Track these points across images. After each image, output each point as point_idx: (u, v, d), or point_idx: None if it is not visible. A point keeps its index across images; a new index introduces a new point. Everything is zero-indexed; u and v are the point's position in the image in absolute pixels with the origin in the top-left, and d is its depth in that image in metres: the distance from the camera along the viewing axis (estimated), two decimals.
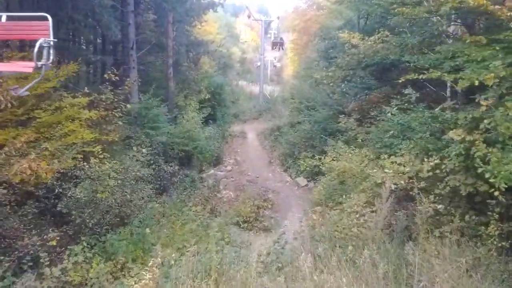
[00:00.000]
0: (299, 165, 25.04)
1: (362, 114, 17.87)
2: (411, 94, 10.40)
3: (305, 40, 44.67)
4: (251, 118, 43.22)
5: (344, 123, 17.81)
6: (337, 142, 18.64)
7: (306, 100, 29.29)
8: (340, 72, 16.51)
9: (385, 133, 13.91)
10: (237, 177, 24.97)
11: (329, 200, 15.31)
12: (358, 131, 16.78)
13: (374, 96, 17.18)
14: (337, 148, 18.60)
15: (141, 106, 24.18)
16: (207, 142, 28.38)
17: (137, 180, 17.22)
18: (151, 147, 22.19)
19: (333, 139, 21.51)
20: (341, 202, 14.88)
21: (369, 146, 15.27)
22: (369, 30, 20.99)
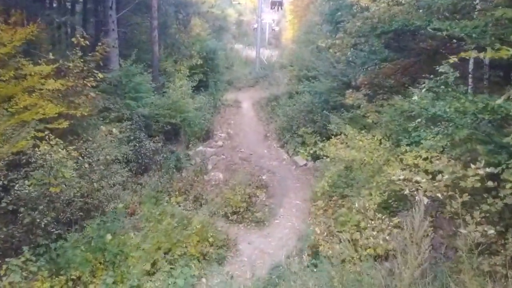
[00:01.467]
0: (297, 141, 22.73)
1: (373, 89, 15.29)
2: (448, 72, 7.82)
3: (306, 1, 41.43)
4: (247, 85, 40.46)
5: (351, 99, 15.22)
6: (344, 122, 16.13)
7: (306, 68, 26.57)
8: (348, 40, 13.82)
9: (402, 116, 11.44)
10: (228, 154, 22.53)
11: (333, 191, 12.94)
12: (368, 109, 14.24)
13: (387, 68, 14.55)
14: (342, 127, 16.18)
15: (121, 74, 21.53)
16: (197, 114, 25.78)
17: (109, 164, 14.80)
18: (132, 121, 19.76)
19: (336, 115, 19.06)
20: (347, 195, 12.62)
21: (382, 129, 12.81)
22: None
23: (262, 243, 13.59)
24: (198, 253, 11.48)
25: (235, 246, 13.04)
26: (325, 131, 20.77)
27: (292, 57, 33.46)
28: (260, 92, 36.73)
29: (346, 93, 15.71)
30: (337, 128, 16.51)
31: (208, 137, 24.65)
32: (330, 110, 21.07)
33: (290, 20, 50.95)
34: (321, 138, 20.93)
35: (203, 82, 35.24)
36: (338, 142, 14.44)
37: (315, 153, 20.99)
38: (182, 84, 26.49)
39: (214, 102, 31.18)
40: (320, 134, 21.20)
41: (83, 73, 16.15)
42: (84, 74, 16.25)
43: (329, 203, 13.01)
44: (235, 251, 12.82)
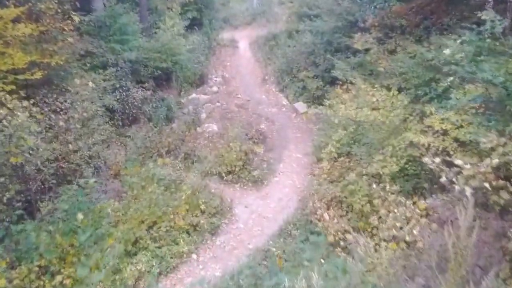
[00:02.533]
0: (298, 86, 21.11)
1: (384, 32, 13.51)
2: (494, 20, 6.15)
3: None
4: (244, 23, 37.97)
5: (360, 43, 13.47)
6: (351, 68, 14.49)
7: (307, 5, 24.42)
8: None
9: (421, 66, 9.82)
10: (224, 101, 20.97)
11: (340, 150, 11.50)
12: (379, 56, 12.55)
13: (400, 7, 12.74)
14: (348, 73, 14.59)
15: (104, 15, 19.57)
16: (190, 57, 23.96)
17: (89, 119, 13.32)
18: (117, 67, 18.08)
19: (341, 59, 17.34)
20: (356, 155, 11.22)
21: (397, 79, 11.21)
22: None
23: (260, 205, 12.39)
24: (188, 225, 10.26)
25: (230, 211, 11.84)
26: (328, 75, 19.14)
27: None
28: (258, 30, 34.43)
29: (354, 37, 13.91)
30: (342, 75, 14.89)
31: (202, 82, 22.94)
32: (334, 53, 19.30)
33: None
34: (323, 83, 19.35)
35: (197, 20, 32.98)
36: (344, 92, 12.91)
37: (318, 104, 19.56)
38: (174, 23, 24.49)
39: (209, 42, 29.14)
40: (323, 78, 19.56)
41: (58, 16, 14.46)
42: (59, 17, 14.54)
43: (335, 164, 11.62)
44: (230, 216, 11.64)
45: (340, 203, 9.95)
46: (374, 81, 13.23)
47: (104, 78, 17.45)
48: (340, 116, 9.94)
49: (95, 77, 17.23)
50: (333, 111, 10.50)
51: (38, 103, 12.72)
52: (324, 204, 10.09)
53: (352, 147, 11.31)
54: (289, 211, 11.88)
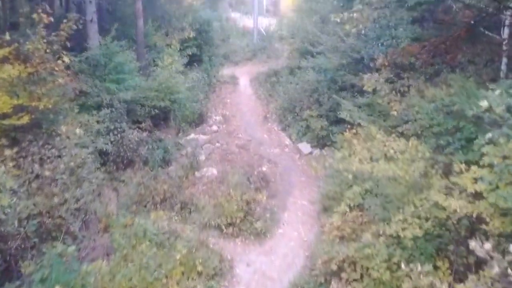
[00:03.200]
0: (301, 125, 20.23)
1: (395, 72, 12.65)
2: None
3: None
4: (244, 59, 37.53)
5: (370, 84, 12.59)
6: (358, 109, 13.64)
7: (309, 42, 23.75)
8: (370, 12, 11.14)
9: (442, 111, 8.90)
10: (224, 141, 20.02)
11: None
12: (391, 98, 11.64)
13: (413, 46, 11.92)
14: (355, 114, 13.74)
15: (100, 53, 18.85)
16: (189, 95, 23.19)
17: (79, 167, 12.35)
18: (112, 108, 17.24)
19: (347, 98, 16.56)
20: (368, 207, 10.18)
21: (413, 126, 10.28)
22: None
23: (264, 263, 11.26)
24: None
25: (231, 271, 10.71)
26: (333, 115, 18.29)
27: (292, 28, 30.51)
28: (259, 66, 33.91)
29: (363, 78, 13.05)
30: (350, 116, 14.01)
31: (202, 121, 22.04)
32: (338, 91, 18.52)
33: None
34: (328, 123, 18.45)
35: (197, 56, 32.46)
36: (353, 136, 11.96)
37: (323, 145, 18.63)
38: (172, 60, 23.81)
39: (209, 79, 28.49)
40: (327, 118, 18.68)
41: (48, 56, 13.68)
42: (50, 57, 13.76)
43: (346, 219, 10.55)
44: (231, 278, 10.49)
45: (354, 265, 8.86)
46: (385, 125, 12.33)
47: (97, 120, 16.61)
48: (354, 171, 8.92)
49: (88, 119, 16.39)
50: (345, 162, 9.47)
51: (22, 152, 11.82)
52: (335, 265, 8.99)
53: (365, 199, 10.30)
54: (296, 270, 10.76)
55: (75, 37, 21.84)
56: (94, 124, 16.16)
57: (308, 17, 27.20)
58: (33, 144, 12.15)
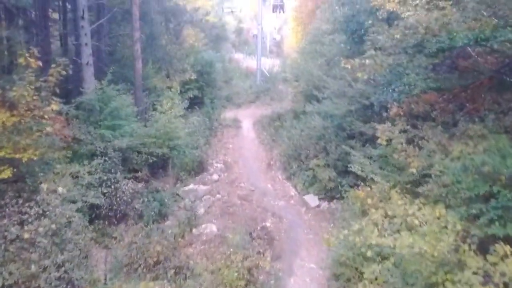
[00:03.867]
0: (307, 175, 19.03)
1: (411, 123, 11.53)
2: None
3: (310, 7, 37.77)
4: (247, 101, 36.76)
5: (385, 137, 11.43)
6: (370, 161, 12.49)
7: (314, 85, 22.83)
8: (384, 59, 10.08)
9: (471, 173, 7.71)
10: (225, 191, 18.80)
11: None
12: (409, 154, 10.46)
13: (431, 95, 10.85)
14: (367, 167, 12.58)
15: (95, 98, 17.92)
16: (188, 141, 22.13)
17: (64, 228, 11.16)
18: (106, 157, 16.15)
19: (357, 148, 15.46)
20: None
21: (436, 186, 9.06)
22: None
23: None
24: None
25: None
26: (341, 164, 17.14)
27: (296, 70, 29.66)
28: (262, 109, 33.04)
29: (377, 129, 11.91)
30: (361, 170, 12.82)
31: (202, 169, 20.83)
32: (347, 139, 17.40)
33: (293, 28, 47.25)
34: (336, 173, 17.24)
35: (198, 98, 31.67)
36: (367, 195, 10.77)
37: (331, 197, 17.39)
38: (172, 104, 22.87)
39: (210, 122, 27.52)
40: (335, 167, 17.48)
41: (35, 103, 12.69)
42: (38, 104, 12.76)
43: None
44: None
45: None
46: (402, 181, 11.13)
47: (89, 171, 15.49)
48: (374, 244, 7.66)
49: (79, 169, 15.28)
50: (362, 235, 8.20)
51: (1, 210, 10.67)
52: None
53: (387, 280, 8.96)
54: None
55: (72, 80, 21.13)
56: (85, 176, 15.05)
57: (312, 60, 26.38)
58: (13, 202, 10.96)
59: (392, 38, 9.74)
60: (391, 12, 13.67)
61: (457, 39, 8.26)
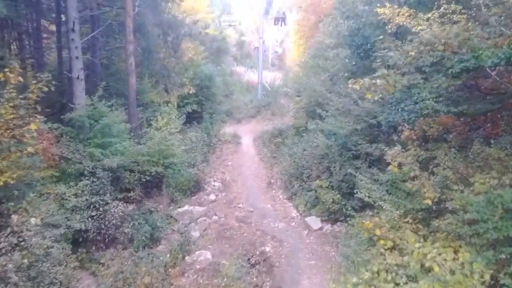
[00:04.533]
0: (309, 195, 18.01)
1: (425, 148, 10.50)
2: None
3: (312, 20, 37.07)
4: (248, 116, 35.87)
5: (394, 163, 10.38)
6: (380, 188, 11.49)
7: (317, 102, 21.88)
8: (398, 79, 9.03)
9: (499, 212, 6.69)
10: (222, 213, 17.78)
11: None
12: (423, 183, 9.41)
13: (448, 118, 9.85)
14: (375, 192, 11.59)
15: (85, 114, 17.01)
16: (186, 158, 21.15)
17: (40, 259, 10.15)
18: (94, 177, 15.18)
19: (363, 170, 14.47)
20: None
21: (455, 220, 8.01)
22: (415, 4, 13.95)
23: None
24: None
25: None
26: (346, 186, 16.13)
27: (298, 85, 28.74)
28: (263, 124, 32.09)
29: (387, 153, 10.86)
30: (368, 196, 11.78)
31: (198, 189, 19.76)
32: (351, 159, 16.41)
33: (295, 41, 46.52)
34: (341, 196, 16.19)
35: (197, 113, 30.78)
36: (375, 225, 9.75)
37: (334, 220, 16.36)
38: (168, 120, 21.93)
39: (209, 138, 26.54)
40: (339, 189, 16.43)
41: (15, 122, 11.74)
42: (17, 123, 11.81)
43: None
44: None
45: None
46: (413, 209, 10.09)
47: (75, 193, 14.50)
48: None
49: (65, 191, 14.31)
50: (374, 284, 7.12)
51: None
52: None
53: None
54: None
55: (67, 94, 20.22)
56: (70, 198, 14.06)
57: (315, 74, 25.48)
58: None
59: (406, 55, 8.74)
60: (400, 26, 12.84)
61: (483, 58, 7.26)
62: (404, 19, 12.17)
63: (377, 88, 8.94)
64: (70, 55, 17.82)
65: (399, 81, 8.84)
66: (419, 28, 10.95)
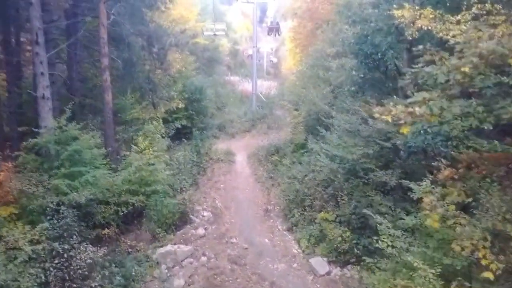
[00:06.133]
0: (312, 229, 15.65)
1: (469, 188, 8.07)
2: None
3: (309, 27, 34.71)
4: (242, 130, 33.47)
5: (429, 207, 7.94)
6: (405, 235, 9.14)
7: (316, 116, 19.51)
8: (447, 105, 6.53)
9: None
10: (212, 252, 15.27)
11: None
12: (477, 245, 6.99)
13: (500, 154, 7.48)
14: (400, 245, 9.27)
15: (50, 139, 14.65)
16: (172, 181, 18.78)
17: None
18: (58, 215, 12.78)
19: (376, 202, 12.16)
20: None
21: None
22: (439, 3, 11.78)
23: None
24: None
25: None
26: (357, 221, 13.74)
27: (296, 97, 26.28)
28: (258, 139, 29.66)
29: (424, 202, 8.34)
30: (392, 246, 9.39)
31: (185, 222, 17.08)
32: (361, 185, 14.03)
33: (290, 49, 44.22)
34: (351, 232, 13.76)
35: (187, 128, 28.41)
36: None
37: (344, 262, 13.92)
38: (152, 140, 19.54)
39: (199, 157, 24.07)
40: (349, 223, 14.02)
41: None
42: None
43: None
44: None
45: None
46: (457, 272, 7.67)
47: (32, 239, 12.07)
48: None
49: (19, 237, 11.87)
50: None
51: None
52: None
53: None
54: None
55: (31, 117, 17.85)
56: (25, 247, 11.62)
57: (314, 86, 23.08)
58: None
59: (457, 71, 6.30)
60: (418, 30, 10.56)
61: None
62: (427, 22, 9.90)
63: (416, 119, 6.50)
64: (34, 71, 15.45)
65: (448, 109, 6.41)
66: (452, 34, 8.64)
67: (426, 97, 6.44)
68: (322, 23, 28.89)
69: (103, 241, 14.85)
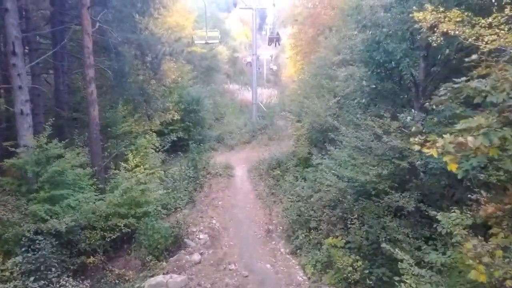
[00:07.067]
0: (319, 254, 14.25)
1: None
2: None
3: (310, 33, 33.35)
4: (241, 141, 32.07)
5: (479, 266, 6.49)
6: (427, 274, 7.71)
7: (321, 129, 18.10)
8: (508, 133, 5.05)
9: None
10: (209, 282, 13.76)
11: None
12: None
13: None
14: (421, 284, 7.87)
15: (30, 160, 13.29)
16: (167, 200, 17.42)
17: None
18: (34, 246, 11.42)
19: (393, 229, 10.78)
20: None
21: None
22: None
23: None
24: None
25: None
26: (370, 248, 12.31)
27: (298, 108, 24.84)
28: (259, 151, 28.24)
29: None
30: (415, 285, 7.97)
31: (179, 247, 15.61)
32: (373, 208, 12.62)
33: (291, 56, 42.82)
34: (363, 260, 12.31)
35: (184, 140, 27.10)
36: None
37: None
38: (144, 156, 18.18)
39: (196, 172, 22.65)
40: (360, 250, 12.59)
41: None
42: None
43: None
44: None
45: None
46: None
47: (1, 276, 10.67)
48: None
49: None
50: None
51: None
52: None
53: None
54: None
55: None
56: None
57: (317, 95, 21.69)
58: None
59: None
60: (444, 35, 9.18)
61: None
62: (452, 26, 8.53)
63: (468, 151, 5.03)
64: (12, 85, 14.06)
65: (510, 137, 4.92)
66: (487, 40, 7.31)
67: (481, 124, 4.94)
68: (324, 29, 27.57)
69: (89, 270, 13.51)
